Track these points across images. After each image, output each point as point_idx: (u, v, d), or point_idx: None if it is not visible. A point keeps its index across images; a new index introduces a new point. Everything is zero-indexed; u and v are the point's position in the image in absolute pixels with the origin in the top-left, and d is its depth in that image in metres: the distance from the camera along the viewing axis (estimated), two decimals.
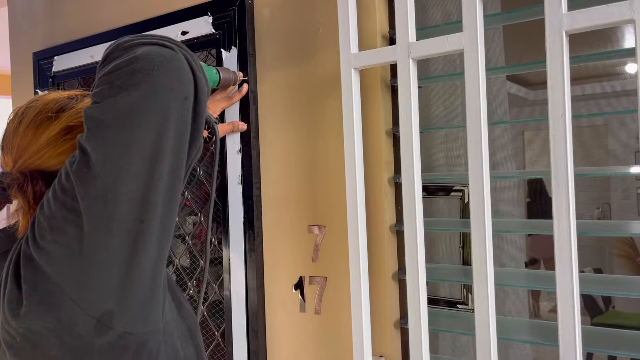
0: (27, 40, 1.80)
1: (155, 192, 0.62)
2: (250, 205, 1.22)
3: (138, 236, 0.62)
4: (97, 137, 0.61)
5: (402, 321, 1.08)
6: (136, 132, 0.61)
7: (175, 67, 0.64)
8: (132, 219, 0.61)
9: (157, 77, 0.62)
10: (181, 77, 0.64)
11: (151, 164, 0.61)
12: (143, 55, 0.63)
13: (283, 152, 1.19)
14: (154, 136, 0.61)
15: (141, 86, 0.61)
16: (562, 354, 0.83)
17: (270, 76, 1.21)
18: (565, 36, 0.81)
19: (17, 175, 0.72)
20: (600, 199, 4.74)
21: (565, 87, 0.81)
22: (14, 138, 0.74)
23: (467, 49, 0.89)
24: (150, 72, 0.62)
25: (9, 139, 0.75)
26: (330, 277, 1.13)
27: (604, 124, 4.66)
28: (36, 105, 0.76)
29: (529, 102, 4.08)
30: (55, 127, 0.74)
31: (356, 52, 1.01)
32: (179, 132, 0.64)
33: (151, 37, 0.68)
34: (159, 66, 0.63)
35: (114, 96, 0.61)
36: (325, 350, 1.14)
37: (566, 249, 0.82)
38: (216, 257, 1.34)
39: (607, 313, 3.60)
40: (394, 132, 1.09)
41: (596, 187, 4.73)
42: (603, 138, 4.69)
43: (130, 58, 0.63)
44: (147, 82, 0.62)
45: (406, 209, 0.95)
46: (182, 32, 1.32)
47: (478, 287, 0.88)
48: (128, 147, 0.60)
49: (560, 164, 0.82)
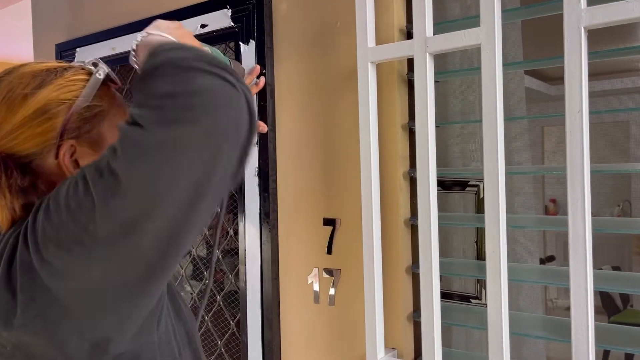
0: (50, 32, 1.83)
1: (185, 234, 0.57)
2: (266, 197, 1.23)
3: (155, 271, 0.57)
4: (133, 162, 0.54)
5: (415, 314, 1.09)
6: (180, 170, 0.55)
7: (236, 110, 0.58)
8: (154, 254, 0.56)
9: (217, 119, 0.56)
10: (239, 122, 0.58)
11: (189, 205, 0.56)
12: (204, 90, 0.57)
13: (299, 146, 1.21)
14: (198, 177, 0.55)
15: (198, 124, 0.55)
16: (574, 350, 0.83)
17: (288, 69, 1.22)
18: (584, 32, 0.81)
19: None
20: (620, 196, 4.68)
21: (582, 83, 0.81)
22: None
23: (484, 44, 0.89)
24: (210, 112, 0.56)
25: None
26: (344, 270, 1.14)
27: (626, 120, 4.58)
28: (9, 79, 0.67)
29: (549, 97, 4.03)
30: (33, 104, 0.65)
31: (373, 46, 1.02)
32: (223, 173, 0.58)
33: (210, 60, 0.60)
34: (220, 108, 0.57)
35: (164, 126, 0.55)
36: (338, 341, 1.15)
37: (581, 245, 0.82)
38: (232, 248, 1.36)
39: (625, 312, 3.55)
40: (409, 126, 1.09)
41: (617, 185, 4.66)
42: (624, 134, 4.61)
43: (189, 90, 0.56)
44: (204, 122, 0.55)
45: (421, 203, 0.96)
46: (201, 25, 1.33)
47: (491, 282, 0.89)
48: (167, 183, 0.54)
49: (576, 160, 0.82)
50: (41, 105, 0.65)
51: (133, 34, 1.50)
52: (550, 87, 4.10)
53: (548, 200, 4.91)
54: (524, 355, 1.19)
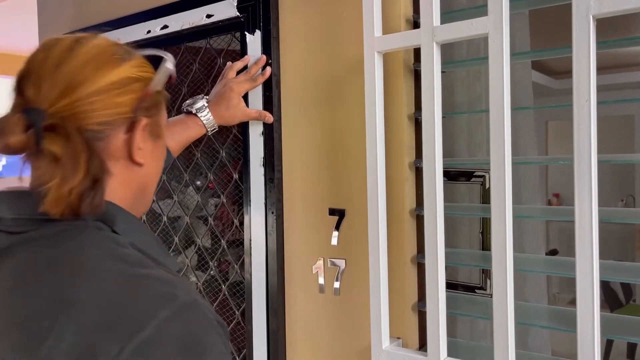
0: (55, 23, 1.83)
1: None
2: (271, 187, 1.23)
3: None
4: None
5: (420, 304, 1.09)
6: None
7: None
8: None
9: None
10: None
11: None
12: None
13: (305, 135, 1.21)
14: None
15: None
16: (580, 339, 0.83)
17: (294, 60, 1.22)
18: (592, 20, 0.80)
19: (56, 121, 0.58)
20: (624, 190, 4.67)
21: (591, 73, 0.81)
22: (60, 68, 0.60)
23: (492, 33, 0.88)
24: None
25: (50, 69, 0.61)
26: (349, 260, 1.14)
27: (631, 114, 4.56)
28: (97, 42, 0.65)
29: (553, 92, 4.01)
30: (119, 73, 0.63)
31: (380, 35, 1.02)
32: None
33: None
34: None
35: None
36: (343, 331, 1.15)
37: (587, 234, 0.82)
38: (237, 238, 1.36)
39: (628, 306, 3.56)
40: (415, 116, 1.09)
41: (620, 179, 4.65)
42: (629, 128, 4.59)
43: None
44: None
45: (427, 194, 0.96)
46: (206, 15, 1.33)
47: (497, 271, 0.89)
48: None
49: (583, 149, 0.82)
50: (126, 76, 0.63)
51: (138, 24, 1.50)
52: (554, 81, 4.08)
53: (551, 195, 4.90)
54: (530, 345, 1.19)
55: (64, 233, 0.60)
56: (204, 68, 1.42)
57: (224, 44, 1.37)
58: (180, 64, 1.46)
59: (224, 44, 1.37)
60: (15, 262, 0.59)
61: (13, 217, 0.61)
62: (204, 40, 1.38)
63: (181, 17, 1.39)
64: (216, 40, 1.38)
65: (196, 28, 1.36)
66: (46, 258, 0.58)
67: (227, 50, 1.37)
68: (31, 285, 0.57)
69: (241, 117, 1.20)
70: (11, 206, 0.62)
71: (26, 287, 0.57)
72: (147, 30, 1.47)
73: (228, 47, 1.36)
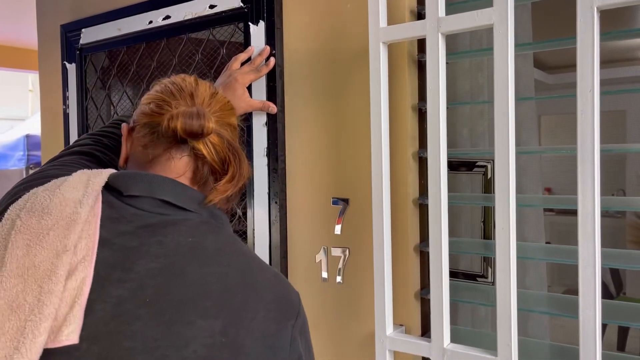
0: (55, 13, 1.82)
1: None
2: (275, 177, 1.24)
3: None
4: None
5: (423, 292, 1.11)
6: None
7: None
8: None
9: None
10: None
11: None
12: None
13: (308, 126, 1.22)
14: None
15: None
16: (582, 325, 0.85)
17: (297, 50, 1.23)
18: (596, 12, 0.82)
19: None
20: (614, 184, 4.72)
21: (595, 63, 0.82)
22: (214, 104, 0.77)
23: (496, 24, 0.90)
24: None
25: (209, 101, 0.77)
26: (353, 248, 1.16)
27: (623, 109, 4.61)
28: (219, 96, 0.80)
29: (548, 86, 4.04)
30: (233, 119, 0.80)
31: (385, 26, 1.03)
32: None
33: None
34: None
35: None
36: (347, 319, 1.17)
37: (590, 222, 0.84)
38: (240, 229, 1.37)
39: (618, 299, 3.61)
40: (419, 107, 1.11)
41: (610, 174, 4.70)
42: (621, 124, 4.64)
43: None
44: None
45: (431, 183, 0.98)
46: (210, 5, 1.33)
47: (500, 258, 0.91)
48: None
49: (587, 139, 0.83)
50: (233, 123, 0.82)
51: (139, 15, 1.50)
52: (549, 76, 4.11)
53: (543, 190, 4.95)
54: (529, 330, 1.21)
55: (203, 225, 0.70)
56: (206, 59, 1.42)
57: (227, 35, 1.38)
58: (182, 55, 1.46)
59: (227, 35, 1.37)
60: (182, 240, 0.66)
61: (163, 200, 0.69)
62: (207, 31, 1.39)
63: (184, 8, 1.39)
64: (219, 31, 1.38)
65: (199, 19, 1.37)
66: (214, 242, 0.68)
67: (230, 42, 1.37)
68: (210, 265, 0.66)
69: (245, 108, 1.21)
70: (167, 190, 0.70)
71: (216, 267, 0.66)
72: (149, 21, 1.47)
73: (231, 39, 1.37)
